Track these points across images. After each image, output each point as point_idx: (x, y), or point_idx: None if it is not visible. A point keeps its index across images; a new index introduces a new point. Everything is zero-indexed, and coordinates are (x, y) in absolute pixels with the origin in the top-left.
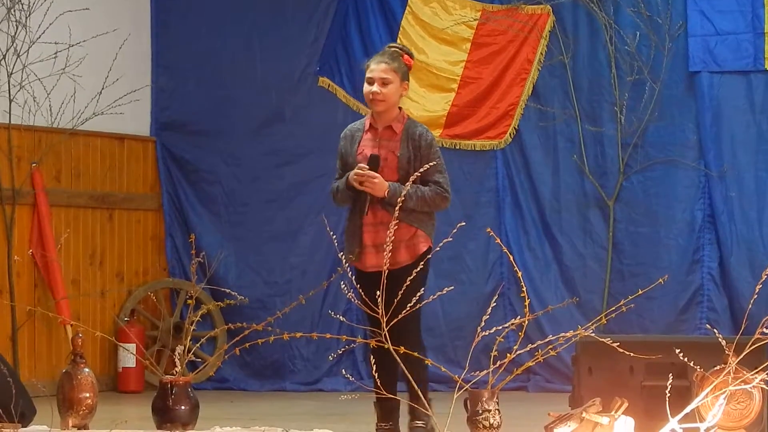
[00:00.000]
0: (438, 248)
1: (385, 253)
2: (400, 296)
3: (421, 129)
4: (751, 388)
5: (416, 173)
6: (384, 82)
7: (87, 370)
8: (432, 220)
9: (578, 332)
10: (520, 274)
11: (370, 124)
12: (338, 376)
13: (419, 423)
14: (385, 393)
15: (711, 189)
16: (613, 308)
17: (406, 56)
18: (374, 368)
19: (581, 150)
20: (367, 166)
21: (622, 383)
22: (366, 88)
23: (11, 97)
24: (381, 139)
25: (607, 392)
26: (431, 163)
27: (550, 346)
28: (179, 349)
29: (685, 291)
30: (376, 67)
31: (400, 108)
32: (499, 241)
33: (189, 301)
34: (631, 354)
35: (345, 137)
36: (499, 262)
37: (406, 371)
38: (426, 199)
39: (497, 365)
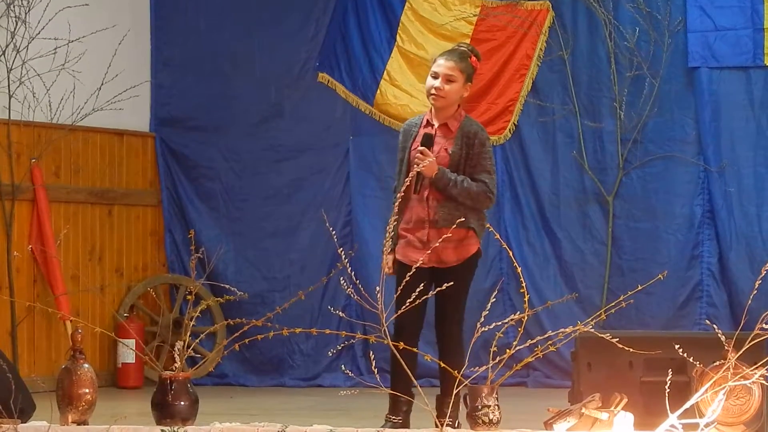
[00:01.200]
0: (438, 243)
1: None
2: (442, 298)
3: (476, 128)
4: (750, 383)
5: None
6: (448, 79)
7: (86, 365)
8: (483, 221)
9: (577, 328)
10: (519, 269)
11: (428, 120)
12: (338, 372)
13: (448, 421)
14: (399, 391)
15: (710, 184)
16: (613, 304)
17: (474, 58)
18: (394, 364)
19: (580, 145)
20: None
21: (621, 379)
22: (429, 81)
23: (11, 93)
24: (436, 135)
25: (607, 388)
26: (483, 161)
27: (550, 342)
28: (179, 344)
29: (684, 286)
30: (443, 63)
31: (458, 106)
32: (498, 236)
33: (188, 297)
34: (631, 349)
35: (403, 132)
36: (498, 257)
37: (442, 373)
38: (471, 192)
39: (497, 361)
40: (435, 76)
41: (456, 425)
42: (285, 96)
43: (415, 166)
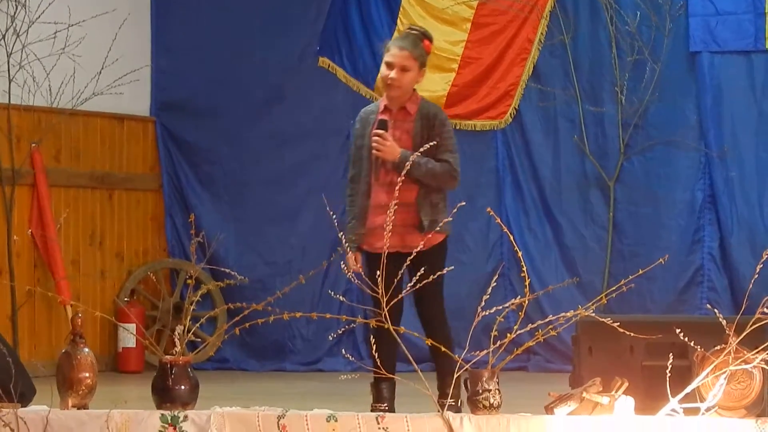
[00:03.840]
0: (438, 228)
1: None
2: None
3: (435, 109)
4: (751, 368)
5: (427, 145)
6: (403, 69)
7: (87, 350)
8: (441, 214)
9: (578, 312)
10: (520, 254)
11: (385, 106)
12: (338, 356)
13: (450, 401)
14: (385, 373)
15: (711, 169)
16: (614, 288)
17: (426, 41)
18: (373, 348)
19: (582, 130)
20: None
21: (622, 363)
22: (383, 71)
23: (11, 77)
24: (395, 120)
25: (608, 372)
26: (445, 141)
27: (551, 326)
28: (179, 329)
29: (685, 271)
30: (397, 53)
31: (414, 90)
32: (499, 221)
33: (189, 281)
34: (632, 334)
35: (359, 120)
36: (499, 242)
37: (436, 357)
38: (435, 172)
39: (497, 345)
40: (390, 66)
41: (459, 405)
42: (286, 80)
43: (375, 151)
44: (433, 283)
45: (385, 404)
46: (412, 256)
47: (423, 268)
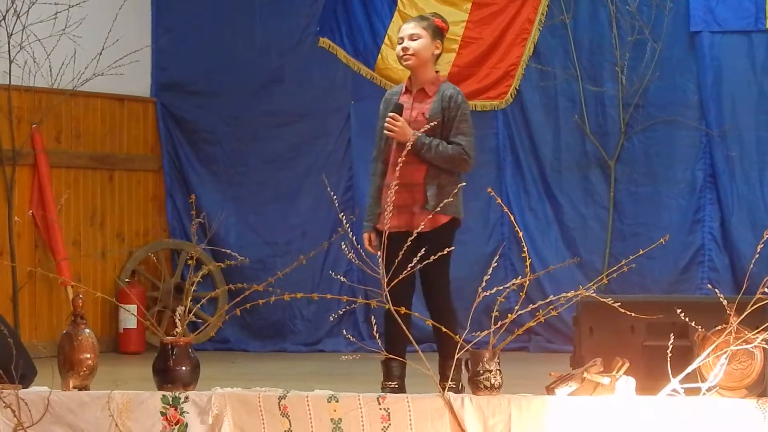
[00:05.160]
0: (438, 208)
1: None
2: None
3: (452, 91)
4: (752, 348)
5: (427, 125)
6: (413, 38)
7: (87, 330)
8: (448, 195)
9: (579, 292)
10: (520, 234)
11: (406, 87)
12: (339, 337)
13: (451, 384)
14: (392, 354)
15: (712, 149)
16: (614, 268)
17: (438, 19)
18: (385, 327)
19: (582, 110)
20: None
21: (623, 343)
22: (396, 49)
23: (11, 58)
24: (414, 101)
25: (608, 352)
26: (459, 123)
27: (551, 307)
28: (180, 309)
29: (686, 251)
30: (405, 26)
31: (437, 72)
32: (499, 201)
33: (190, 262)
34: (633, 314)
35: (384, 101)
36: (499, 222)
37: (439, 338)
38: (446, 155)
39: (498, 326)
40: (400, 41)
41: (459, 389)
42: (286, 61)
43: (386, 132)
44: (437, 264)
45: (395, 382)
46: (412, 237)
47: (425, 249)
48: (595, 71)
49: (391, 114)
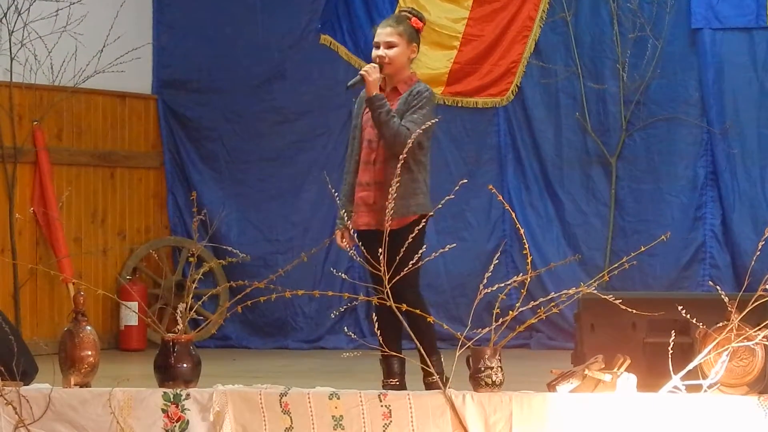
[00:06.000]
0: (440, 205)
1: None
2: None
3: (421, 87)
4: (753, 344)
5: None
6: (389, 45)
7: (89, 328)
8: (422, 194)
9: (581, 289)
10: (522, 231)
11: (380, 87)
12: (340, 334)
13: (433, 379)
14: (388, 351)
15: (713, 146)
16: (616, 265)
17: (414, 19)
18: (377, 326)
19: (583, 107)
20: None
21: (624, 340)
22: (373, 52)
23: (12, 56)
24: (387, 99)
25: (610, 349)
26: (415, 110)
27: (553, 304)
28: (181, 306)
29: (687, 248)
30: (381, 31)
31: (413, 72)
32: (501, 198)
33: (191, 259)
34: (634, 311)
35: (358, 100)
36: (501, 219)
37: (409, 329)
38: (393, 127)
39: (500, 322)
40: (377, 46)
41: (444, 380)
42: (287, 58)
43: (361, 72)
44: (403, 262)
45: (396, 379)
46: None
47: (388, 249)
48: (597, 68)
49: (375, 63)
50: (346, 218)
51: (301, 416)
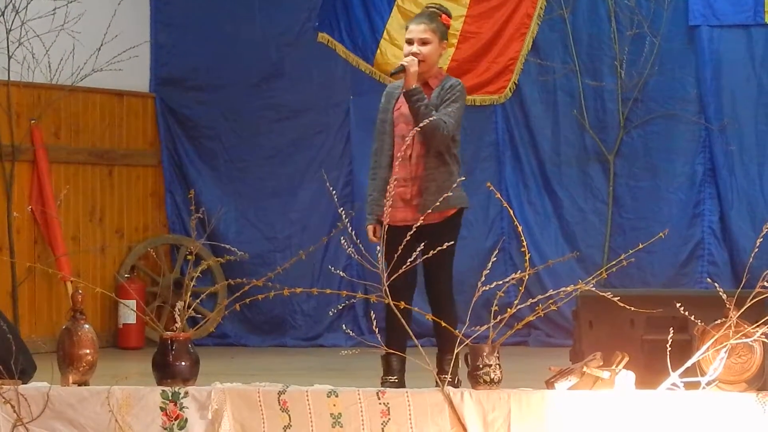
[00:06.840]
0: (438, 203)
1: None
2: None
3: (454, 81)
4: (752, 341)
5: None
6: (423, 42)
7: (87, 326)
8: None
9: (579, 286)
10: (520, 228)
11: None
12: (339, 332)
13: (448, 377)
14: (394, 350)
15: (711, 143)
16: (614, 262)
17: (444, 16)
18: (389, 324)
19: (581, 104)
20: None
21: (622, 337)
22: (406, 49)
23: (10, 54)
24: None
25: (608, 346)
26: (450, 104)
27: (551, 301)
28: (179, 305)
29: (685, 245)
30: (415, 28)
31: (441, 68)
32: (499, 195)
33: (189, 257)
34: (632, 308)
35: (386, 95)
36: (499, 216)
37: (438, 332)
38: (432, 119)
39: (498, 320)
40: (410, 42)
41: (456, 383)
42: (285, 56)
43: (405, 59)
44: (440, 257)
45: (395, 377)
46: (411, 231)
47: (430, 241)
48: (594, 66)
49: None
50: (377, 213)
51: (299, 414)
